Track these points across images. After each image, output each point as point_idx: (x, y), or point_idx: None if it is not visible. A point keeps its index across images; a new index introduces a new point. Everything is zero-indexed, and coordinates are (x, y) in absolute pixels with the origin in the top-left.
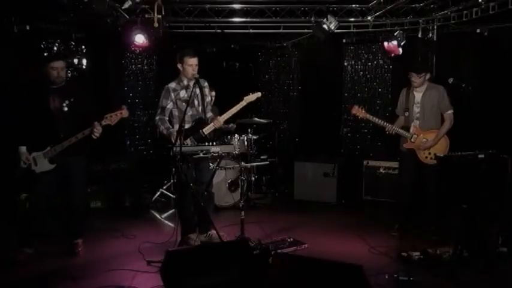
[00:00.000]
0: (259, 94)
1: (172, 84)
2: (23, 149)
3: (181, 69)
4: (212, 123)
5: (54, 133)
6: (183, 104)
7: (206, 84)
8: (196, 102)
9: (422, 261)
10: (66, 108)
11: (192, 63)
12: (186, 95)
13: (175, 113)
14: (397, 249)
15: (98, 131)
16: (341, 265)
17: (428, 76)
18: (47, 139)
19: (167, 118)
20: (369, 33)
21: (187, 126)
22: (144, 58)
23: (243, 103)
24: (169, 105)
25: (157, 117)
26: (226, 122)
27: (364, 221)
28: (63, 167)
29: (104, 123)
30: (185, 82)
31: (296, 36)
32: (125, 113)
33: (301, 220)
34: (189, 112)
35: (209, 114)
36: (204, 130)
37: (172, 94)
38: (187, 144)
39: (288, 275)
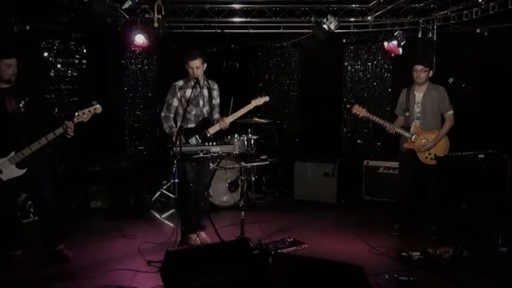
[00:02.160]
0: (267, 98)
1: (180, 82)
2: None
3: (187, 69)
4: (218, 124)
5: (15, 137)
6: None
7: (216, 86)
8: (201, 102)
9: (422, 261)
10: (23, 109)
11: (192, 66)
12: (192, 95)
13: (180, 111)
14: (397, 249)
15: (71, 130)
16: (341, 265)
17: (431, 74)
18: (9, 143)
19: (173, 115)
20: (369, 33)
21: (191, 125)
22: (144, 58)
23: (250, 106)
24: (175, 103)
25: (162, 114)
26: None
27: (364, 221)
28: (31, 170)
29: (76, 120)
30: (192, 82)
31: (296, 36)
32: (98, 108)
33: (301, 220)
34: (193, 112)
35: (216, 116)
36: (209, 130)
37: (179, 92)
38: (191, 143)
39: (288, 275)
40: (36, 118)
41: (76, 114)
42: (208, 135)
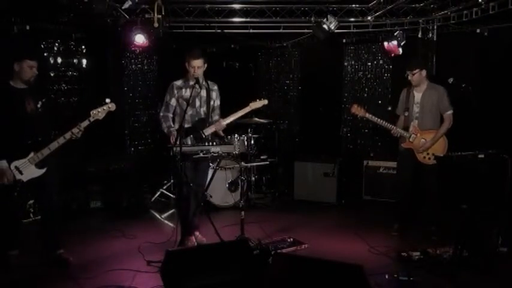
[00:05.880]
0: (265, 102)
1: (178, 82)
2: (3, 163)
3: (187, 68)
4: (213, 125)
5: (33, 137)
6: (184, 102)
7: (215, 88)
8: (198, 103)
9: (422, 261)
10: (40, 110)
11: (194, 65)
12: (189, 95)
13: (178, 111)
14: (397, 249)
15: (81, 130)
16: (341, 265)
17: (424, 73)
18: (28, 144)
19: (171, 115)
20: (369, 33)
21: (187, 125)
22: (144, 58)
23: (247, 109)
24: (173, 102)
25: (161, 114)
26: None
27: (364, 221)
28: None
29: (92, 119)
30: (191, 82)
31: (296, 36)
32: (112, 106)
33: (301, 220)
34: (189, 112)
35: (215, 118)
36: (204, 131)
37: (176, 91)
38: (187, 143)
39: (288, 275)
40: (51, 118)
41: (92, 112)
42: (204, 136)
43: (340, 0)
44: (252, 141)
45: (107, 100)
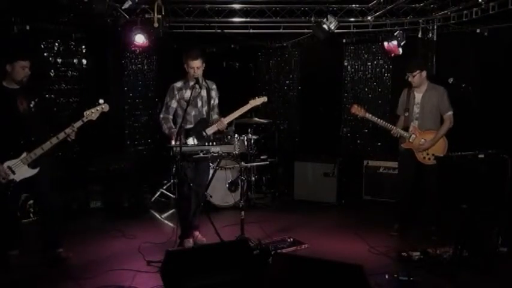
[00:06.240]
0: (265, 99)
1: (178, 84)
2: None
3: (187, 69)
4: (215, 125)
5: (26, 137)
6: (185, 103)
7: (214, 86)
8: (200, 103)
9: (422, 261)
10: (33, 109)
11: (193, 66)
12: (189, 95)
13: (179, 112)
14: (397, 249)
15: (74, 131)
16: (341, 265)
17: (424, 74)
18: (21, 144)
19: (171, 117)
20: (369, 33)
21: (189, 126)
22: (144, 58)
23: (247, 106)
24: (174, 104)
25: (161, 115)
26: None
27: (364, 221)
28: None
29: (85, 119)
30: (191, 82)
31: (296, 36)
32: (106, 107)
33: (301, 220)
34: (192, 112)
35: (214, 117)
36: (206, 131)
37: (176, 93)
38: (189, 143)
39: (288, 275)
40: (44, 118)
41: (85, 113)
42: (206, 135)
43: (340, 0)
44: (252, 141)
45: (101, 101)
